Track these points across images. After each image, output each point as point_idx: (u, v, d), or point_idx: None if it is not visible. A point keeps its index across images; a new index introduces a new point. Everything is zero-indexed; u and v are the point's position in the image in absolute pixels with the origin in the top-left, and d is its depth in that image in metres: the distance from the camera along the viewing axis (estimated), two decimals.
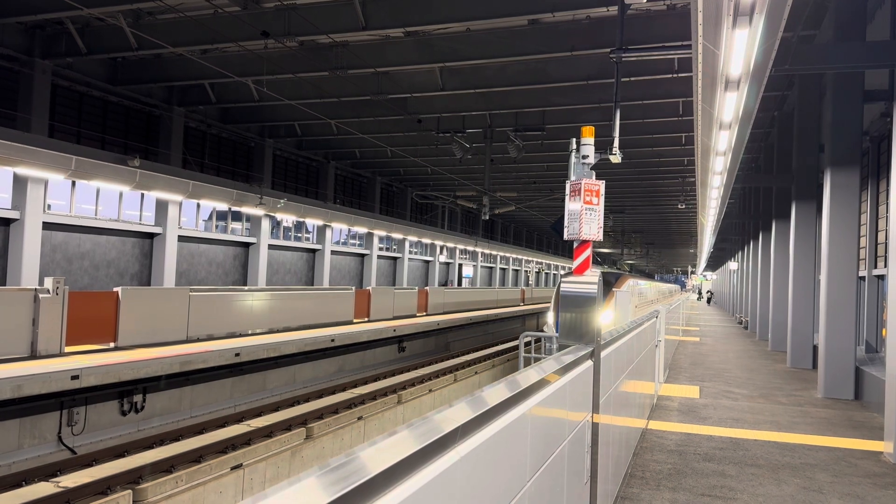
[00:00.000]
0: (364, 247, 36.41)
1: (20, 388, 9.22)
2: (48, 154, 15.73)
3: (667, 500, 5.49)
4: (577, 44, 14.62)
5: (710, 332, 26.54)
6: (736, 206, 32.63)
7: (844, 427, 8.76)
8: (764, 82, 7.29)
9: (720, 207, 19.19)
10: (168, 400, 12.46)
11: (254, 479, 9.90)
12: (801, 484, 6.08)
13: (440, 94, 18.67)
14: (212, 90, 21.00)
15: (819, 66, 10.79)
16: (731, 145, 9.84)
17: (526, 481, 2.42)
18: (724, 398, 10.60)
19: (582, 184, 5.60)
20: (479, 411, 1.98)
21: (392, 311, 23.69)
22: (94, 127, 20.60)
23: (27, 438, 9.91)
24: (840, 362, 11.10)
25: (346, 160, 32.97)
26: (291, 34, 14.44)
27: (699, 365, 14.91)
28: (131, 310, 13.24)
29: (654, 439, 7.61)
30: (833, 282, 11.13)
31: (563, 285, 4.41)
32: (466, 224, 49.91)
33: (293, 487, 1.17)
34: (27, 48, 17.10)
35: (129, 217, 21.71)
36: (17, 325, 11.16)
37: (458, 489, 1.73)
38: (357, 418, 12.89)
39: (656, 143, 23.46)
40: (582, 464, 3.70)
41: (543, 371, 2.91)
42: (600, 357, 4.18)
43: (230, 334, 15.60)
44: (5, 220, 17.30)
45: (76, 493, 7.85)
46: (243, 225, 27.45)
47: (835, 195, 11.08)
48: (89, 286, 19.78)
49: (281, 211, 25.01)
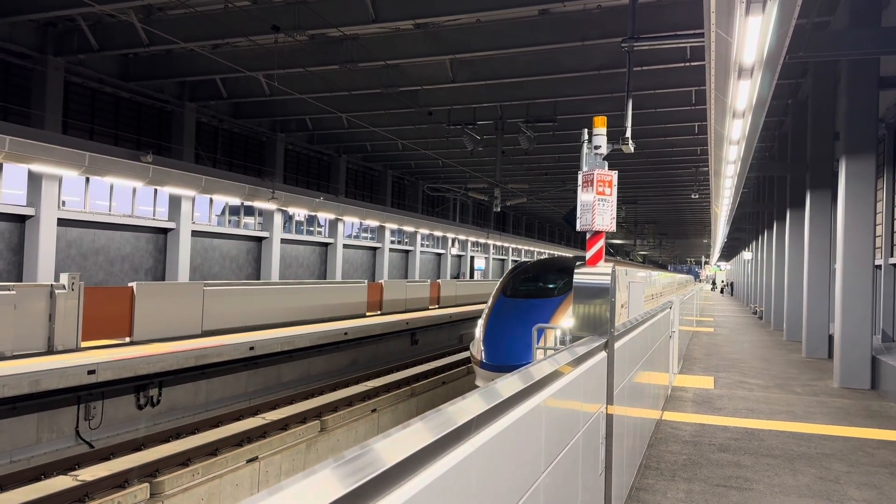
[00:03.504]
0: (376, 240, 36.46)
1: (38, 383, 9.32)
2: (62, 151, 15.85)
3: (682, 490, 5.47)
4: (588, 33, 14.52)
5: (725, 322, 26.41)
6: (750, 195, 32.41)
7: (861, 417, 8.70)
8: (778, 70, 7.21)
9: (734, 197, 19.05)
10: (184, 394, 12.56)
11: (269, 471, 9.97)
12: (817, 474, 6.04)
13: (451, 86, 18.63)
14: (223, 85, 21.06)
15: (833, 52, 10.67)
16: (745, 134, 9.75)
17: (541, 472, 2.42)
18: (739, 388, 10.55)
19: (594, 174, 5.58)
20: (493, 403, 1.97)
21: (404, 303, 23.73)
22: (107, 123, 20.72)
23: (45, 433, 10.02)
24: (856, 352, 11.01)
25: (357, 154, 32.98)
26: (301, 28, 14.45)
27: (714, 355, 14.84)
28: (146, 305, 13.34)
29: (668, 430, 7.58)
30: (849, 270, 11.03)
31: (576, 277, 4.39)
32: (478, 216, 49.84)
33: (309, 479, 1.18)
34: (40, 46, 17.20)
35: (143, 213, 21.85)
36: (34, 320, 11.28)
37: (473, 480, 1.73)
38: (371, 411, 12.95)
39: (669, 132, 23.30)
40: (596, 455, 3.69)
41: (557, 363, 2.90)
42: (614, 348, 4.16)
43: (244, 328, 15.69)
44: (21, 216, 17.45)
45: (94, 486, 7.94)
46: (256, 219, 27.56)
47: (850, 183, 10.97)
48: (104, 281, 19.94)
49: (293, 205, 25.07)
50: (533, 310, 11.38)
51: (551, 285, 12.31)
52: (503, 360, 10.41)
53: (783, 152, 21.44)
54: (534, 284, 12.54)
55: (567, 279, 11.96)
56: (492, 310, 11.90)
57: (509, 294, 12.26)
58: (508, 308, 11.73)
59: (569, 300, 10.87)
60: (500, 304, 11.97)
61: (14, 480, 8.24)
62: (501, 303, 12.02)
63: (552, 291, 12.08)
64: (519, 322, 11.02)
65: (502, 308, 11.80)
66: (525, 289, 12.39)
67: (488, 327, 11.39)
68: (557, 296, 11.82)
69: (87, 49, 16.72)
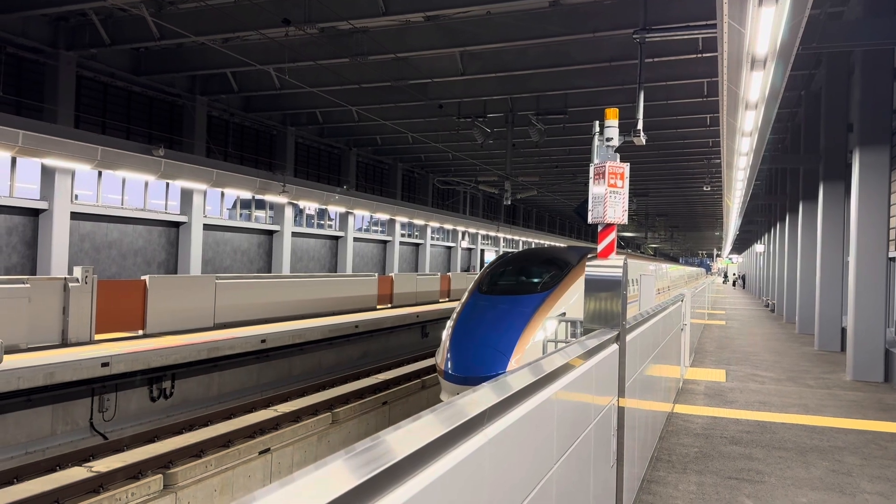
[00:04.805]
0: (386, 233, 36.50)
1: (52, 375, 9.41)
2: (75, 145, 15.94)
3: (693, 483, 5.46)
4: (599, 25, 14.44)
5: (736, 315, 26.29)
6: (762, 187, 32.22)
7: (874, 409, 8.65)
8: (791, 61, 7.15)
9: (746, 189, 18.93)
10: (196, 386, 12.64)
11: (281, 463, 10.03)
12: (829, 467, 6.02)
13: (461, 78, 18.58)
14: (234, 79, 21.10)
15: (847, 43, 10.56)
16: (758, 125, 9.68)
17: (553, 464, 2.43)
18: (751, 381, 10.51)
19: (606, 167, 5.56)
20: (504, 395, 1.98)
21: (415, 296, 23.75)
22: (119, 117, 20.81)
23: (60, 425, 10.11)
24: (869, 344, 10.94)
25: (367, 147, 32.99)
26: (312, 21, 14.44)
27: (725, 348, 14.78)
28: (159, 297, 13.43)
29: (680, 423, 7.57)
30: (862, 263, 10.95)
31: (588, 269, 4.38)
32: (488, 209, 49.77)
33: (320, 471, 1.18)
34: (52, 40, 17.29)
35: (155, 206, 21.96)
36: (48, 313, 11.37)
37: (486, 471, 1.74)
38: (382, 403, 12.99)
39: (680, 124, 23.17)
40: (608, 447, 3.69)
41: (568, 355, 2.90)
42: (626, 341, 4.16)
43: (256, 321, 15.76)
44: (35, 210, 17.59)
45: (108, 477, 8.02)
46: (267, 213, 27.64)
47: (864, 175, 10.88)
48: (117, 275, 20.07)
49: (304, 198, 25.12)
50: (510, 308, 9.72)
51: (535, 279, 10.61)
52: (470, 371, 8.80)
53: (796, 144, 21.28)
54: (514, 278, 10.87)
55: (554, 272, 10.55)
56: (462, 309, 10.22)
57: (485, 290, 10.59)
58: (482, 307, 10.05)
59: (554, 297, 9.79)
60: (473, 303, 10.29)
61: (30, 471, 8.34)
62: (475, 300, 10.34)
63: (534, 287, 10.36)
64: (493, 323, 9.49)
65: (475, 307, 10.13)
66: (504, 284, 10.72)
67: (456, 330, 9.67)
68: (541, 291, 10.08)
69: (98, 43, 16.79)
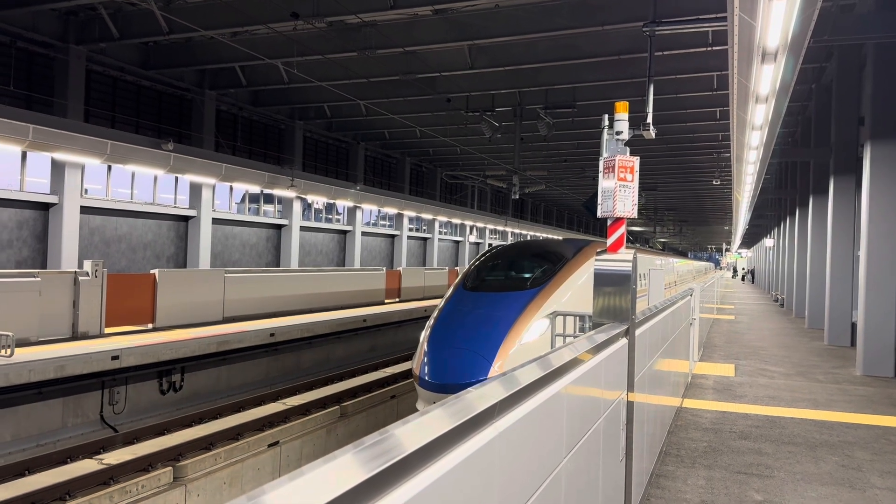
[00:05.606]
0: (394, 227, 36.52)
1: (63, 368, 9.47)
2: (84, 139, 16.00)
3: (702, 477, 5.45)
4: (608, 18, 14.36)
5: (746, 309, 26.19)
6: (772, 181, 32.00)
7: (884, 404, 8.60)
8: (802, 54, 7.10)
9: (756, 183, 18.83)
10: (206, 379, 12.70)
11: (290, 456, 10.07)
12: (839, 462, 5.99)
13: (469, 72, 18.53)
14: (242, 73, 21.12)
15: (859, 35, 10.48)
16: (768, 119, 9.61)
17: (562, 458, 2.43)
18: (760, 376, 10.47)
19: (616, 160, 5.54)
20: (514, 389, 1.97)
21: (423, 290, 23.76)
22: (128, 111, 20.88)
23: (71, 417, 10.18)
24: (880, 339, 10.88)
25: (375, 141, 32.99)
26: (320, 15, 14.43)
27: (734, 343, 14.73)
28: (168, 291, 13.48)
29: (689, 417, 7.55)
30: (873, 257, 10.88)
31: (596, 264, 4.36)
32: (496, 203, 49.71)
33: (329, 465, 1.18)
34: (61, 34, 17.34)
35: (164, 200, 22.03)
36: (59, 307, 11.45)
37: (497, 465, 1.74)
38: (391, 397, 13.01)
39: (690, 118, 23.04)
40: (617, 442, 3.69)
41: (576, 350, 2.90)
42: (635, 335, 4.15)
43: (264, 315, 15.81)
44: (45, 204, 17.68)
45: (119, 469, 8.07)
46: (275, 207, 27.69)
47: (875, 169, 10.80)
48: (127, 268, 20.17)
49: (312, 192, 25.16)
50: (496, 307, 8.88)
51: (526, 274, 9.73)
52: (448, 378, 8.01)
53: (806, 137, 21.13)
54: (502, 274, 9.95)
55: (546, 266, 9.73)
56: (443, 308, 9.35)
57: (470, 286, 9.67)
58: (466, 305, 9.16)
59: (544, 294, 9.02)
60: (456, 301, 9.39)
61: (41, 463, 8.40)
62: (458, 298, 9.45)
63: (524, 283, 9.46)
64: (475, 324, 8.66)
65: (458, 305, 9.24)
66: (491, 279, 9.81)
67: (434, 332, 8.80)
68: (530, 288, 9.22)
69: (108, 38, 16.82)
